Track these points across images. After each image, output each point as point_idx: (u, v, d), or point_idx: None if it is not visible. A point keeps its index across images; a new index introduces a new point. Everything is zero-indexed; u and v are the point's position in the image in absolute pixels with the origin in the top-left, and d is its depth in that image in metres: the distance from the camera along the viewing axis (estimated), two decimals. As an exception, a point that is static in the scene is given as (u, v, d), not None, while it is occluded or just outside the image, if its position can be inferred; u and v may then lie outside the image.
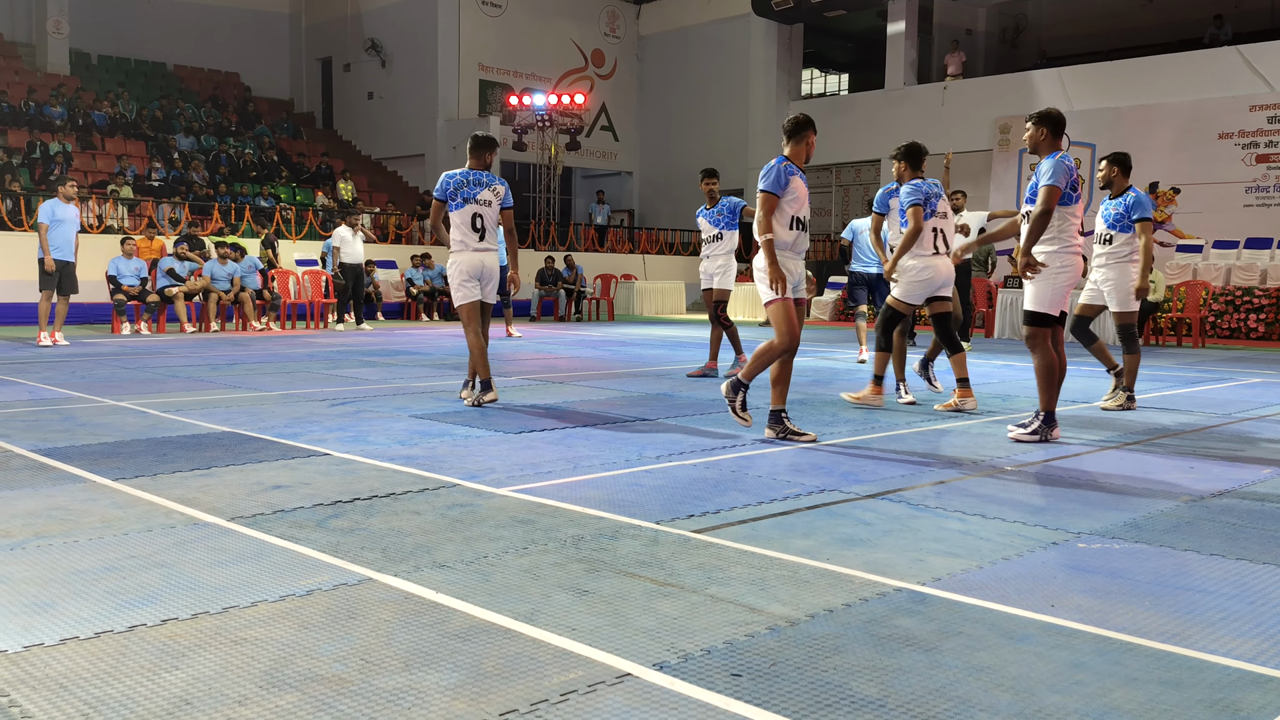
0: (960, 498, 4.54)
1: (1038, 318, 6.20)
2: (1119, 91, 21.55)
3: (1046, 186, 6.03)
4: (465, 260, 7.32)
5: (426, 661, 2.59)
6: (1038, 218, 6.03)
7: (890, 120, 24.97)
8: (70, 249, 12.17)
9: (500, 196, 7.46)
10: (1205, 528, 4.08)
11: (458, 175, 7.37)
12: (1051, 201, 6.02)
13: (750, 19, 27.25)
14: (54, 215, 12.03)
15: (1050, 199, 6.02)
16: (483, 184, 7.38)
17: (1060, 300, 6.21)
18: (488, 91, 27.96)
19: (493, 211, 7.41)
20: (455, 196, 7.32)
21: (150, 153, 23.17)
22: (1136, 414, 7.38)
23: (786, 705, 2.36)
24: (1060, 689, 2.48)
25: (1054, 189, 6.02)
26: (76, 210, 12.43)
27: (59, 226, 12.05)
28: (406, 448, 5.57)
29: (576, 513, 4.15)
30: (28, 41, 26.43)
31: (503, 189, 7.50)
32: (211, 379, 8.81)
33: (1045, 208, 6.03)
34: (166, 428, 6.16)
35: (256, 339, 14.17)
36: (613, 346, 13.46)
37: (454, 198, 7.32)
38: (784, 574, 3.36)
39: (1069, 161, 6.14)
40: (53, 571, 3.29)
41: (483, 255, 7.35)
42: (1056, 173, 6.04)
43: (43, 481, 4.63)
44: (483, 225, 7.34)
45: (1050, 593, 3.21)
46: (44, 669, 2.51)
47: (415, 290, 20.03)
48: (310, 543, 3.66)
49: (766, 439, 5.99)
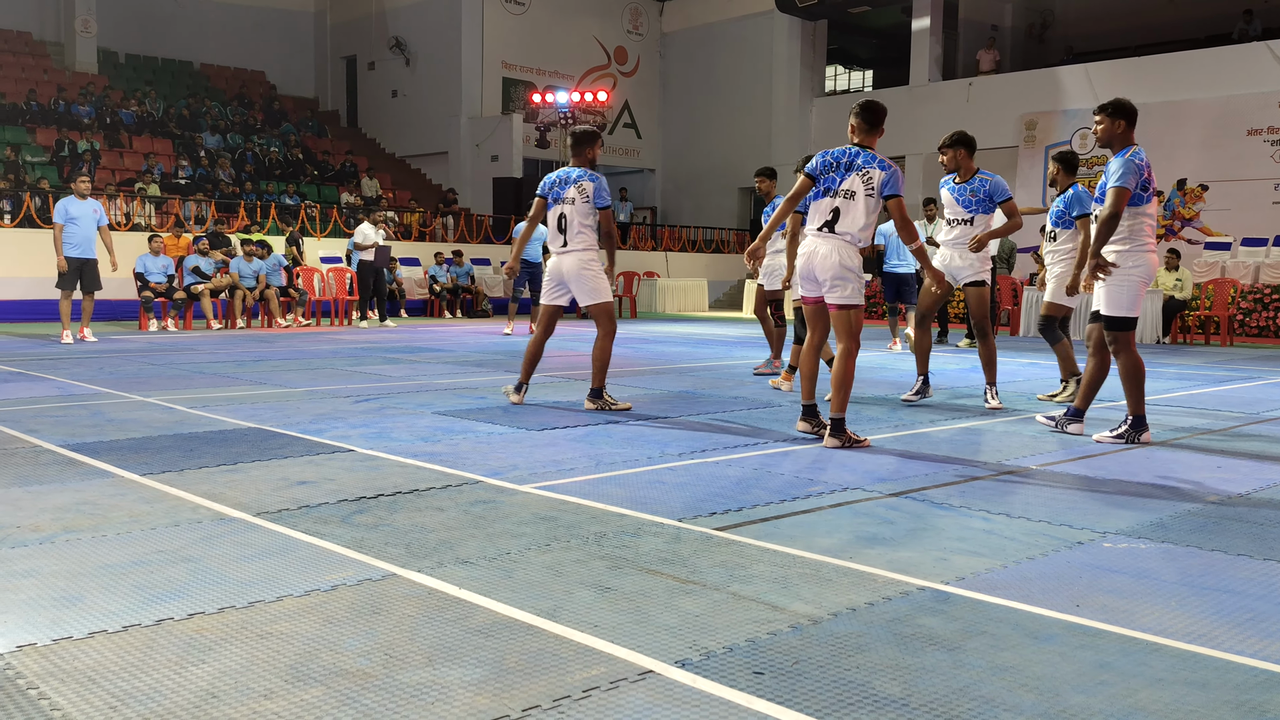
0: (984, 497, 4.52)
1: (1118, 322, 5.94)
2: (1146, 87, 21.33)
3: (1116, 188, 5.74)
4: (549, 264, 7.16)
5: (449, 657, 2.60)
6: (1105, 220, 5.75)
7: (915, 117, 24.84)
8: (90, 245, 12.05)
9: (587, 194, 6.96)
10: (1232, 528, 4.04)
11: (554, 175, 7.13)
12: (1120, 204, 5.73)
13: (774, 15, 27.18)
14: (68, 214, 11.94)
15: (1119, 201, 5.73)
16: (569, 181, 7.02)
17: (1137, 301, 5.94)
18: (511, 89, 28.02)
19: (576, 210, 6.96)
20: (549, 195, 7.10)
21: (177, 151, 23.36)
22: (1163, 413, 7.32)
23: (809, 704, 2.36)
24: (1085, 689, 2.46)
25: (1123, 191, 5.72)
26: (96, 204, 12.24)
27: (74, 224, 11.95)
28: (430, 444, 5.60)
29: (599, 510, 4.16)
30: (56, 40, 26.70)
31: (591, 185, 6.96)
32: (237, 375, 8.88)
33: (1114, 210, 5.73)
34: (193, 423, 6.22)
35: (281, 335, 14.27)
36: (635, 344, 13.46)
37: (549, 196, 7.10)
38: (807, 572, 3.35)
39: (1141, 159, 5.81)
40: (81, 565, 3.32)
41: (559, 259, 7.05)
42: (1127, 173, 5.72)
43: (71, 476, 4.68)
44: (565, 226, 7.00)
45: (1075, 592, 3.19)
46: (72, 662, 2.54)
47: (438, 287, 20.11)
48: (335, 538, 3.68)
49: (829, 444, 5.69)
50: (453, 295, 20.23)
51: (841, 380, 5.74)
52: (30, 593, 3.05)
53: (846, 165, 5.79)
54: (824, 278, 5.78)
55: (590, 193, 6.94)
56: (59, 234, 11.90)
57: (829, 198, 5.81)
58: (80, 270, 12.05)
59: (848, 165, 5.79)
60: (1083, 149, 21.84)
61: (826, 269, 5.76)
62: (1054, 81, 22.92)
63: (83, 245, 12.02)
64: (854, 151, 5.83)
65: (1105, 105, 5.95)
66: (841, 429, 5.70)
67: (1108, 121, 5.90)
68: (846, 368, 5.75)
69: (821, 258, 5.78)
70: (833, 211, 5.79)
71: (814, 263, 5.82)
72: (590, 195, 6.94)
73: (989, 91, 24.09)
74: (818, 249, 5.81)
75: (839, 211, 5.77)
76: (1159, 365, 11.38)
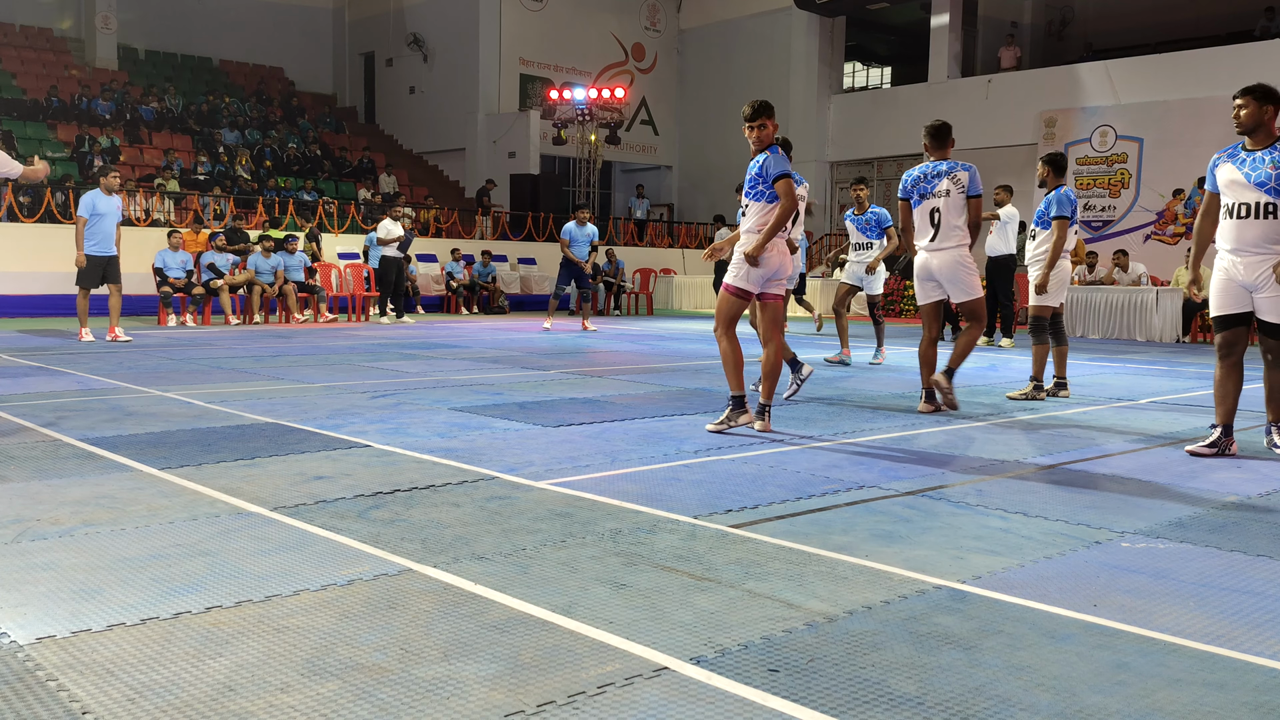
0: (1002, 495, 4.50)
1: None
2: (1167, 85, 21.19)
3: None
4: (916, 262, 7.07)
5: (465, 652, 2.61)
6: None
7: (933, 114, 24.39)
8: (111, 242, 11.68)
9: (963, 184, 6.86)
10: (1252, 528, 4.01)
11: (915, 172, 7.02)
12: None
13: (792, 12, 27.10)
14: (94, 208, 11.53)
15: None
16: (940, 175, 6.90)
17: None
18: (528, 85, 28.04)
19: (951, 203, 6.85)
20: (913, 193, 6.99)
21: (196, 147, 23.48)
22: (1182, 413, 7.27)
23: (824, 701, 2.35)
24: (1102, 689, 2.45)
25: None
26: (119, 202, 11.91)
27: (99, 220, 11.56)
28: (446, 440, 5.61)
29: (614, 506, 4.16)
30: (77, 37, 26.88)
31: (965, 175, 6.87)
32: (255, 370, 8.92)
33: None
34: (211, 418, 6.25)
35: (299, 331, 14.33)
36: (651, 341, 13.46)
37: (913, 194, 6.99)
38: (822, 570, 3.34)
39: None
40: (100, 558, 3.35)
41: (923, 258, 6.96)
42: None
43: (90, 470, 4.71)
44: (938, 221, 6.88)
45: (1092, 592, 3.18)
46: (91, 654, 2.56)
47: (455, 284, 20.16)
48: (351, 533, 3.69)
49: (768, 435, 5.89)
50: (470, 291, 20.27)
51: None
52: (49, 585, 3.07)
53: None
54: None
55: (965, 182, 6.90)
56: (81, 228, 11.52)
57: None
58: (103, 268, 11.72)
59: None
60: (1102, 147, 21.70)
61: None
62: (1073, 79, 22.77)
63: (105, 243, 11.64)
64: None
65: (1253, 89, 5.40)
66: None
67: (1254, 106, 5.38)
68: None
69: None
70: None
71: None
72: (965, 185, 6.90)
73: (1008, 88, 23.95)
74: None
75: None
76: (1178, 365, 11.31)
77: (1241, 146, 5.49)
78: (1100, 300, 16.08)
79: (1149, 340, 15.39)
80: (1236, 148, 5.51)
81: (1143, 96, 21.42)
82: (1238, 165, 5.43)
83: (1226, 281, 5.49)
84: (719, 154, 29.58)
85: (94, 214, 11.57)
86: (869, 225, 10.74)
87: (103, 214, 11.60)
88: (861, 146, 26.92)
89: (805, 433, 6.05)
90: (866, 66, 32.49)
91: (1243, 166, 5.41)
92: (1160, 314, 15.55)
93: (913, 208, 7.05)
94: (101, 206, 11.59)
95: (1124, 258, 16.77)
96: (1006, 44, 25.62)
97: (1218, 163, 5.56)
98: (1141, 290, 15.84)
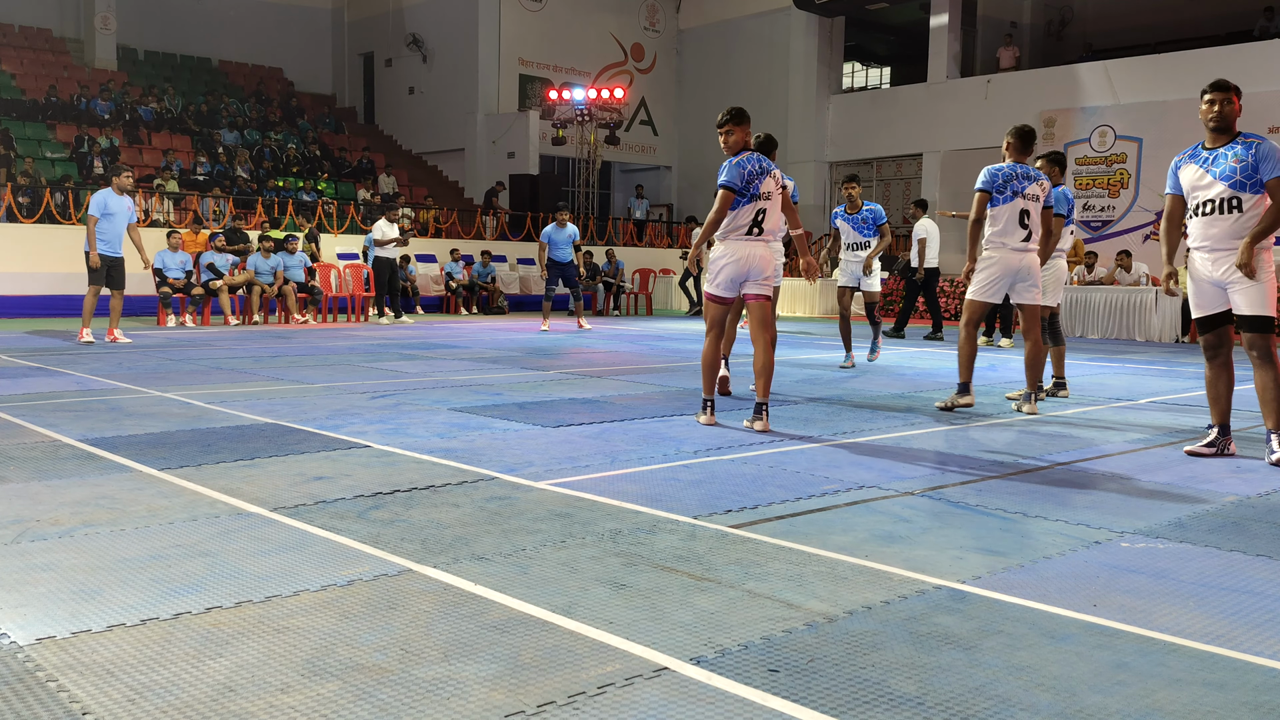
0: (1002, 496, 4.50)
1: (1263, 322, 5.32)
2: (1166, 85, 21.18)
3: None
4: (995, 256, 6.93)
5: (465, 652, 2.61)
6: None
7: (933, 114, 24.76)
8: (119, 243, 11.58)
9: (1046, 195, 6.98)
10: (1252, 528, 4.01)
11: (1004, 168, 6.92)
12: None
13: (791, 12, 27.10)
14: (105, 208, 11.43)
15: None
16: (1031, 178, 6.91)
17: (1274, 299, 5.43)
18: (527, 86, 28.04)
19: (1039, 208, 6.94)
20: (1004, 190, 6.87)
21: (195, 147, 23.47)
22: (1185, 413, 7.28)
23: (824, 702, 2.35)
24: (1102, 689, 2.45)
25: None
26: (130, 202, 11.79)
27: (110, 220, 11.46)
28: (445, 441, 5.61)
29: (614, 507, 4.16)
30: (76, 37, 26.86)
31: (1049, 187, 7.01)
32: (255, 371, 8.92)
33: None
34: (211, 419, 6.25)
35: (298, 331, 14.32)
36: (651, 341, 13.46)
37: (1002, 191, 6.87)
38: (822, 570, 3.35)
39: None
40: (100, 559, 3.35)
41: (1009, 256, 6.89)
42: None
43: (90, 470, 4.71)
44: (1028, 222, 6.89)
45: (1092, 592, 3.18)
46: (91, 655, 2.56)
47: (454, 284, 20.16)
48: (351, 533, 3.69)
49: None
50: (469, 292, 20.28)
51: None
52: (49, 586, 3.07)
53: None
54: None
55: (1048, 191, 7.02)
56: (93, 227, 11.40)
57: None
58: (110, 268, 11.59)
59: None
60: (1101, 147, 21.71)
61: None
62: (1073, 79, 22.77)
63: (113, 243, 11.52)
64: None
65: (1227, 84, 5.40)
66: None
67: (1236, 100, 5.37)
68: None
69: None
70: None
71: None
72: (1047, 195, 7.00)
73: (1007, 89, 23.95)
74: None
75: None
76: (1177, 365, 11.31)
77: (1201, 146, 5.53)
78: (1099, 300, 16.09)
79: (1148, 340, 15.40)
80: (1196, 148, 5.55)
81: (1142, 96, 21.43)
82: (1200, 164, 5.47)
83: (1200, 282, 5.52)
84: (718, 154, 29.13)
85: (105, 213, 11.49)
86: (865, 223, 10.53)
87: (113, 214, 11.52)
88: (861, 147, 26.92)
89: (805, 433, 6.05)
90: (866, 67, 32.50)
91: (1205, 165, 5.45)
92: (1159, 314, 15.56)
93: (994, 204, 6.88)
94: (113, 206, 11.51)
95: (1127, 258, 16.78)
96: (1006, 44, 25.63)
97: (1180, 165, 5.59)
98: (1141, 290, 15.85)
